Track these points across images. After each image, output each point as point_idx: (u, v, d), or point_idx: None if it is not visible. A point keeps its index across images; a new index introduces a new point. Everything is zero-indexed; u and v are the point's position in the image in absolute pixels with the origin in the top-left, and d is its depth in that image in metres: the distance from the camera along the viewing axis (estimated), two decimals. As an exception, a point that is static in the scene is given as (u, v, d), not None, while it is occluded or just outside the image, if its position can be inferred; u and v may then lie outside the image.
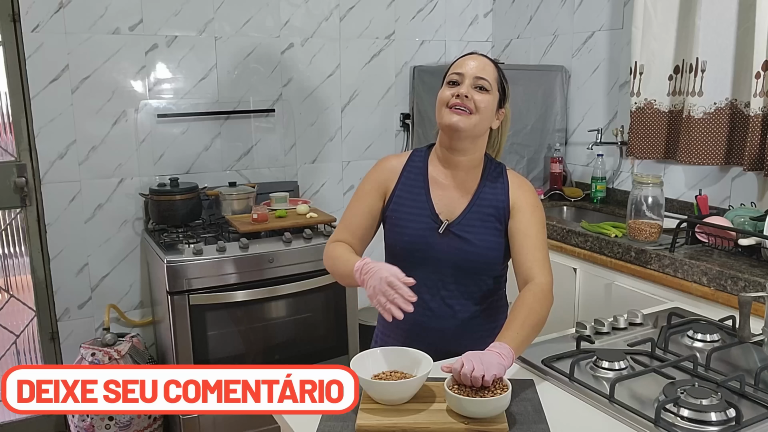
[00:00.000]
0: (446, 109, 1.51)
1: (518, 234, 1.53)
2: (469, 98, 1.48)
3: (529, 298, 1.43)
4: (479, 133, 1.53)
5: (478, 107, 1.49)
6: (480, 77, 1.50)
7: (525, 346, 1.37)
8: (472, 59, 1.53)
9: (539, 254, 1.50)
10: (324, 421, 1.19)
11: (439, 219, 1.55)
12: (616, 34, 2.90)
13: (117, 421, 2.60)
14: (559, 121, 3.20)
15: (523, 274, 1.49)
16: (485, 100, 1.50)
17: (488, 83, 1.50)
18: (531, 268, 1.48)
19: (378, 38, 3.33)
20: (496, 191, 1.56)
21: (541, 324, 1.42)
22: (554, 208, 3.04)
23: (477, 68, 1.51)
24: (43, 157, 2.71)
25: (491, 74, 1.52)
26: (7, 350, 2.83)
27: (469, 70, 1.51)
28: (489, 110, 1.51)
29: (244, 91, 3.07)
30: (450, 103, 1.50)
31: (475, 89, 1.49)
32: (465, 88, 1.49)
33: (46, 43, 2.65)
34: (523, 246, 1.51)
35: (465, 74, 1.50)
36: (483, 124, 1.52)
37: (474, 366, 1.19)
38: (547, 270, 1.50)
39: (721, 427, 1.14)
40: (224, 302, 2.52)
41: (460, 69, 1.52)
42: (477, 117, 1.49)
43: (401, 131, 3.47)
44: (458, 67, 1.53)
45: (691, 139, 2.43)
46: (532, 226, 1.53)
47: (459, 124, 1.48)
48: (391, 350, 1.35)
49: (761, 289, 1.78)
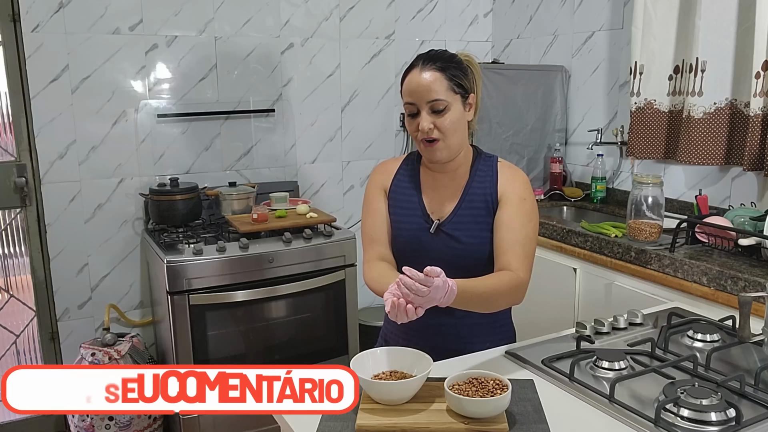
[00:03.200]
0: (418, 143, 1.51)
1: (502, 227, 1.50)
2: (432, 129, 1.46)
3: (504, 276, 1.42)
4: (458, 149, 1.53)
5: (444, 132, 1.47)
6: (432, 100, 1.45)
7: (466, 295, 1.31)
8: (417, 77, 1.46)
9: (520, 249, 1.47)
10: (324, 421, 1.19)
11: (430, 219, 1.56)
12: (616, 34, 2.90)
13: (117, 421, 2.60)
14: (559, 121, 3.20)
15: (500, 267, 1.47)
16: (447, 119, 1.47)
17: (443, 101, 1.45)
18: (510, 263, 1.45)
19: (378, 38, 3.33)
20: (485, 185, 1.56)
21: (492, 297, 1.40)
22: (554, 208, 3.05)
23: (426, 91, 1.45)
24: (43, 157, 2.71)
25: (441, 88, 1.45)
26: (7, 350, 2.83)
27: (420, 98, 1.46)
28: (456, 124, 1.49)
29: (244, 91, 3.07)
30: (418, 137, 1.50)
31: (434, 114, 1.46)
32: (424, 121, 1.46)
33: (46, 43, 2.65)
34: (504, 240, 1.49)
35: (417, 103, 1.47)
36: (456, 140, 1.50)
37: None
38: (527, 267, 1.47)
39: (721, 427, 1.14)
40: (224, 302, 2.52)
41: (410, 98, 1.48)
42: (448, 141, 1.49)
43: (401, 131, 3.47)
44: (408, 94, 1.48)
45: (691, 139, 2.43)
46: (517, 219, 1.50)
47: (435, 157, 1.51)
48: (391, 350, 1.35)
49: (761, 289, 1.78)
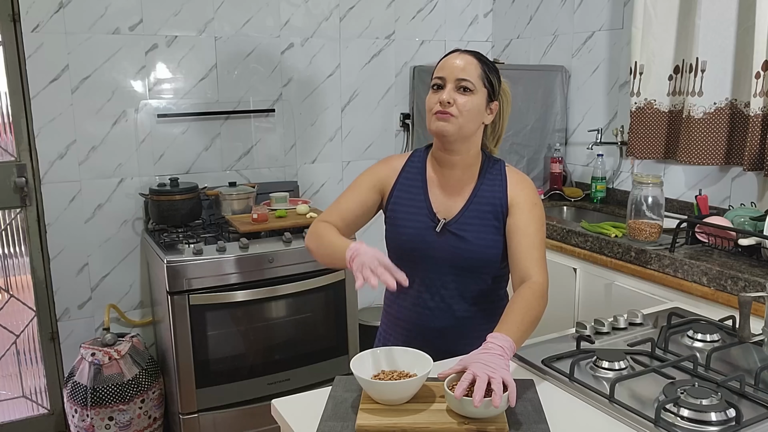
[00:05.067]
0: (432, 116, 1.51)
1: (516, 232, 1.51)
2: (451, 103, 1.47)
3: (528, 295, 1.41)
4: (467, 134, 1.52)
5: (461, 111, 1.48)
6: (462, 78, 1.48)
7: (522, 342, 1.35)
8: (455, 58, 1.51)
9: (537, 253, 1.49)
10: (324, 421, 1.19)
11: (436, 218, 1.55)
12: (616, 34, 2.90)
13: (117, 421, 2.60)
14: (559, 121, 3.20)
15: (520, 273, 1.47)
16: (469, 101, 1.48)
17: (471, 83, 1.48)
18: (528, 267, 1.46)
19: (378, 38, 3.33)
20: (494, 189, 1.56)
21: (536, 323, 1.41)
22: (554, 208, 3.05)
23: (458, 69, 1.49)
24: (43, 157, 2.71)
25: (474, 73, 1.49)
26: (7, 350, 2.83)
27: (450, 73, 1.49)
28: (474, 111, 1.50)
29: (244, 91, 3.07)
30: (434, 110, 1.50)
31: (459, 91, 1.48)
32: (447, 94, 1.48)
33: (46, 43, 2.65)
34: (520, 244, 1.49)
35: (446, 77, 1.49)
36: (469, 126, 1.51)
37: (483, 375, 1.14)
38: (544, 270, 1.49)
39: (721, 427, 1.13)
40: (224, 302, 2.52)
41: (442, 72, 1.51)
42: (461, 120, 1.49)
43: (401, 131, 3.47)
44: (441, 69, 1.52)
45: (691, 139, 2.43)
46: (531, 224, 1.51)
47: (443, 130, 1.49)
48: (391, 350, 1.35)
49: (761, 289, 1.78)
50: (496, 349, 1.23)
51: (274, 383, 2.65)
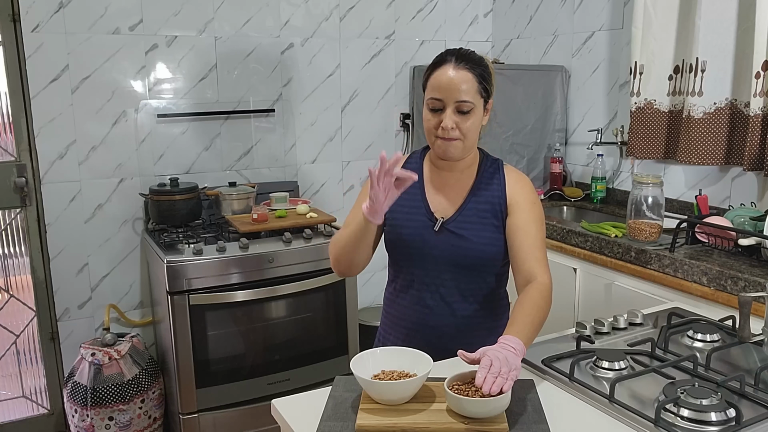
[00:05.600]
0: (433, 137, 1.50)
1: (518, 232, 1.51)
2: (454, 128, 1.46)
3: (536, 296, 1.40)
4: (471, 148, 1.53)
5: (465, 134, 1.47)
6: (462, 101, 1.44)
7: (530, 343, 1.35)
8: (450, 74, 1.45)
9: (539, 253, 1.49)
10: (324, 421, 1.19)
11: (434, 217, 1.55)
12: (616, 34, 2.90)
13: (117, 421, 2.60)
14: (559, 121, 3.20)
15: (524, 273, 1.47)
16: (471, 122, 1.47)
17: (471, 103, 1.45)
18: (533, 267, 1.46)
19: (378, 38, 3.33)
20: (492, 188, 1.56)
21: (543, 323, 1.41)
22: (554, 208, 3.05)
23: (456, 91, 1.44)
24: (43, 157, 2.71)
25: (472, 90, 1.45)
26: (7, 350, 2.83)
27: (449, 96, 1.44)
28: (476, 126, 1.49)
29: (244, 91, 3.07)
30: (436, 134, 1.49)
31: (459, 114, 1.46)
32: (448, 119, 1.45)
33: (46, 43, 2.65)
34: (523, 244, 1.49)
35: (445, 100, 1.45)
36: (472, 140, 1.51)
37: (502, 360, 1.17)
38: (548, 269, 1.49)
39: (721, 427, 1.14)
40: (224, 302, 2.52)
41: (438, 93, 1.46)
42: (466, 142, 1.49)
43: (401, 131, 3.47)
44: (437, 89, 1.46)
45: (691, 139, 2.43)
46: (532, 223, 1.51)
47: (448, 154, 1.50)
48: (391, 350, 1.35)
49: (761, 289, 1.78)
50: (511, 348, 1.24)
51: (274, 383, 2.65)
